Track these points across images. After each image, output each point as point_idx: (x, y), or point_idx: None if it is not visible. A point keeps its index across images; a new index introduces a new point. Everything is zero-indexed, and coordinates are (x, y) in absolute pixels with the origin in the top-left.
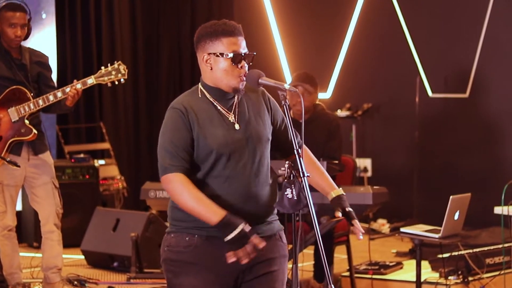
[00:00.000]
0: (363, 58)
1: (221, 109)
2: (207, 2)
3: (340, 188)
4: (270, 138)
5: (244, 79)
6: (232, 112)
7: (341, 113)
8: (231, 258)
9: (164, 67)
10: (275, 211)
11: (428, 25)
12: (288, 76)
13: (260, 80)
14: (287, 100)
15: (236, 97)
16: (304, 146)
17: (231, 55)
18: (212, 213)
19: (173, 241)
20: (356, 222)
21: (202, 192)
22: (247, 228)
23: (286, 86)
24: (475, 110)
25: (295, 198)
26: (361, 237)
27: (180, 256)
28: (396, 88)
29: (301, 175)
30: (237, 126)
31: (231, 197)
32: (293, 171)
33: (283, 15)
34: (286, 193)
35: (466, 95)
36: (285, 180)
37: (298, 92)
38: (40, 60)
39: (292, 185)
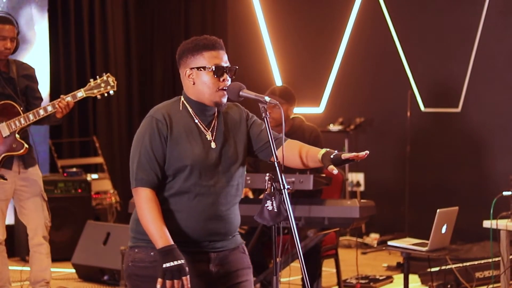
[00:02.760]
0: (356, 72)
1: (200, 125)
2: (201, 14)
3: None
4: (243, 159)
5: (225, 93)
6: (210, 130)
7: (334, 127)
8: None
9: (158, 82)
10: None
11: (420, 40)
12: None
13: (241, 93)
14: (267, 113)
15: (215, 115)
16: (288, 139)
17: (213, 68)
18: (160, 237)
19: (137, 256)
20: (346, 154)
21: (170, 208)
22: (185, 266)
23: (267, 98)
24: (467, 124)
25: (275, 210)
26: (363, 153)
27: (146, 271)
28: (388, 102)
29: (282, 187)
30: (213, 145)
31: (199, 214)
32: (273, 183)
33: (276, 29)
34: (266, 205)
35: (459, 109)
36: (266, 192)
37: (279, 105)
38: (27, 73)
39: (273, 197)
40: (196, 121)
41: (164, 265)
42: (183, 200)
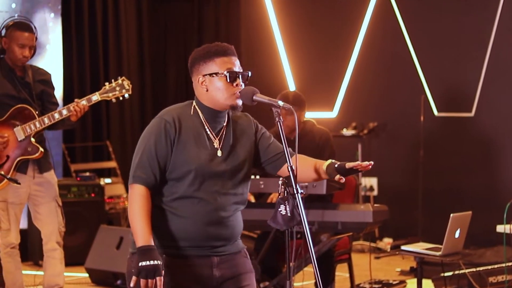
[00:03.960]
0: (369, 77)
1: (209, 132)
2: (214, 18)
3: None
4: (249, 166)
5: (239, 96)
6: (218, 138)
7: (347, 132)
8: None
9: (171, 86)
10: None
11: (433, 44)
12: None
13: (254, 97)
14: (281, 117)
15: (225, 123)
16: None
17: (226, 73)
18: (142, 235)
19: None
20: (350, 163)
21: (174, 212)
22: (162, 267)
23: (280, 103)
24: (480, 129)
25: (289, 214)
26: (367, 163)
27: None
28: (401, 107)
29: (295, 192)
30: (219, 153)
31: (202, 219)
32: (287, 188)
33: (290, 34)
34: (279, 209)
35: (472, 114)
36: (279, 197)
37: (292, 109)
38: (43, 78)
39: (286, 202)
40: (206, 127)
41: (140, 263)
42: (186, 205)
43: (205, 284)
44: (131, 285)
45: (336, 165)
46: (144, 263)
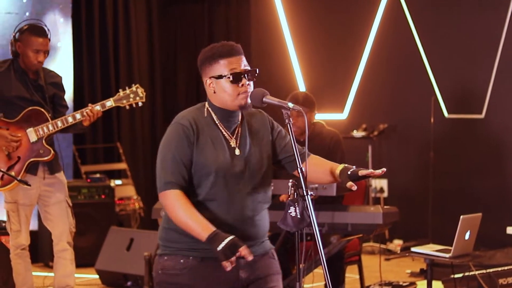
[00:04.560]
0: (379, 79)
1: (224, 132)
2: (224, 21)
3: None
4: (269, 164)
5: (248, 95)
6: (234, 137)
7: (357, 133)
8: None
9: (182, 88)
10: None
11: (444, 46)
12: None
13: (264, 99)
14: (291, 119)
15: (239, 122)
16: (310, 154)
17: (229, 75)
18: (202, 229)
19: (167, 263)
20: (363, 171)
21: (198, 211)
22: (237, 239)
23: (290, 105)
24: (490, 130)
25: (299, 216)
26: (379, 171)
27: (176, 279)
28: (412, 108)
29: (305, 194)
30: (237, 152)
31: (226, 219)
32: (297, 190)
33: (300, 36)
34: (289, 211)
35: (482, 115)
36: (289, 199)
37: (302, 111)
38: (54, 80)
39: (296, 204)
40: (221, 128)
41: (217, 249)
42: (209, 207)
43: (231, 286)
44: (228, 269)
45: (349, 172)
46: (220, 247)
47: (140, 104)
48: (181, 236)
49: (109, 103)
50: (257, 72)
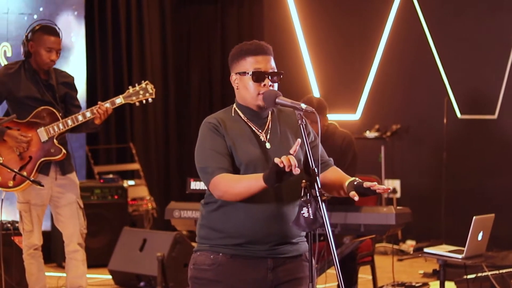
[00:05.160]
0: (392, 79)
1: (253, 128)
2: (237, 21)
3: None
4: (299, 159)
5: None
6: (264, 131)
7: (370, 134)
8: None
9: (195, 89)
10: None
11: (456, 46)
12: None
13: (277, 100)
14: (304, 120)
15: (269, 117)
16: (333, 166)
17: (251, 73)
18: (255, 180)
19: (199, 259)
20: (368, 183)
21: (229, 208)
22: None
23: (303, 105)
24: (503, 131)
25: (311, 217)
26: (384, 187)
27: (205, 274)
28: (425, 109)
29: (318, 195)
30: (268, 145)
31: (258, 213)
32: (309, 190)
33: (313, 37)
34: (302, 212)
35: (495, 116)
36: (302, 199)
37: (315, 112)
38: (66, 80)
39: (308, 204)
40: (249, 124)
41: (271, 179)
42: (243, 202)
43: (258, 286)
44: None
45: (355, 183)
46: (270, 178)
47: (150, 100)
48: (211, 232)
49: (119, 100)
50: (281, 74)
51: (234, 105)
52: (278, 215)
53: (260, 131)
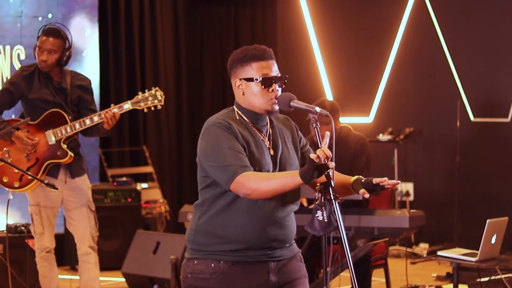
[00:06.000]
0: (405, 82)
1: (257, 133)
2: (250, 24)
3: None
4: (297, 165)
5: (276, 101)
6: (267, 138)
7: (383, 137)
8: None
9: (208, 91)
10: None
11: (469, 49)
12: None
13: (291, 103)
14: (318, 123)
15: (269, 123)
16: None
17: (260, 79)
18: (291, 177)
19: (197, 267)
20: (377, 179)
21: (231, 214)
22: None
23: (317, 109)
24: None
25: (326, 220)
26: (394, 181)
27: (206, 283)
28: (438, 112)
29: (332, 198)
30: (271, 152)
31: (259, 219)
32: (323, 194)
33: (326, 39)
34: (316, 215)
35: (508, 119)
36: (316, 203)
37: (330, 116)
38: (81, 83)
39: (323, 207)
40: (254, 129)
41: (308, 176)
42: (243, 205)
43: None
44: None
45: (363, 180)
46: (312, 172)
47: (159, 107)
48: (210, 238)
49: (127, 105)
50: (287, 79)
51: (235, 108)
52: (278, 220)
53: (263, 137)
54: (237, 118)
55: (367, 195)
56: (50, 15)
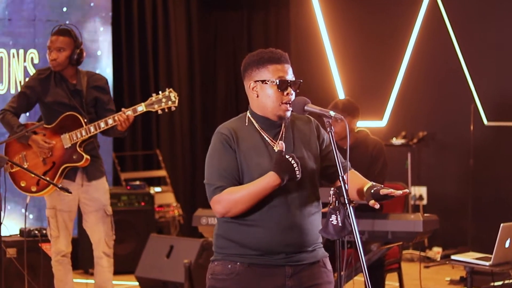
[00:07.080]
0: (419, 86)
1: (266, 138)
2: (263, 28)
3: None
4: (316, 167)
5: (290, 106)
6: (278, 141)
7: (396, 141)
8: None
9: (221, 95)
10: (320, 239)
11: (483, 53)
12: None
13: (305, 107)
14: (332, 127)
15: (283, 126)
16: (351, 169)
17: (277, 81)
18: (266, 182)
19: (216, 269)
20: (384, 190)
21: (246, 222)
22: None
23: (331, 113)
24: None
25: (340, 224)
26: (400, 192)
27: (223, 284)
28: (451, 116)
29: (346, 202)
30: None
31: (274, 225)
32: (338, 198)
33: (339, 43)
34: (331, 219)
35: None
36: (330, 207)
37: (344, 120)
38: (97, 84)
39: (337, 212)
40: (263, 134)
41: (281, 173)
42: (257, 213)
43: None
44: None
45: (372, 190)
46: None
47: (172, 108)
48: (228, 242)
49: (141, 108)
50: (301, 83)
51: (248, 113)
52: (294, 226)
53: (273, 141)
54: (246, 124)
55: (377, 206)
56: (64, 20)
